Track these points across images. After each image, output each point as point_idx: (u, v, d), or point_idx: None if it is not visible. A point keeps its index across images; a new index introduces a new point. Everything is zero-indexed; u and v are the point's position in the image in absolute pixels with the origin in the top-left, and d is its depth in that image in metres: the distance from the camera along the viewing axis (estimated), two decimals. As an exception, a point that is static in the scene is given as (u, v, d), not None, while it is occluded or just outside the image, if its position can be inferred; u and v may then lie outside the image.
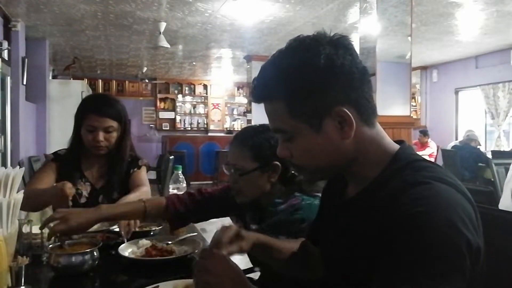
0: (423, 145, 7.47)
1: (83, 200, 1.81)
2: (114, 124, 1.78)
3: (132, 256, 1.30)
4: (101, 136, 1.74)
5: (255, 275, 1.56)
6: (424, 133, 7.51)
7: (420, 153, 7.14)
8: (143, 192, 1.78)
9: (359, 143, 0.77)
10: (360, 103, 0.76)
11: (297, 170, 0.87)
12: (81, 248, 1.22)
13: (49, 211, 1.52)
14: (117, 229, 1.57)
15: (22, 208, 1.72)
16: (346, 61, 0.74)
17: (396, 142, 0.82)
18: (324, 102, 0.74)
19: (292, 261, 0.99)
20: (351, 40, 0.78)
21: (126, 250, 1.34)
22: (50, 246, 1.22)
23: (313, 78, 0.73)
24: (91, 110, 1.76)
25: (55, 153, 1.88)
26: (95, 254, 1.19)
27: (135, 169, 1.91)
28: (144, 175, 1.93)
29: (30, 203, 1.53)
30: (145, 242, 1.38)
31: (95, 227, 1.56)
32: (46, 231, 1.31)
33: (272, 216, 1.20)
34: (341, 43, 0.76)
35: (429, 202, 0.64)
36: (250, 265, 1.49)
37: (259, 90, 0.79)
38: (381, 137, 0.80)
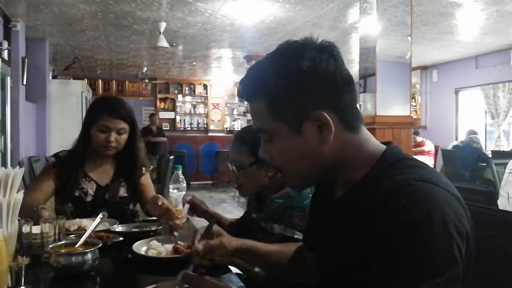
0: (418, 145, 7.44)
1: (89, 198, 1.83)
2: (126, 126, 1.83)
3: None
4: (113, 137, 1.79)
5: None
6: (415, 133, 7.50)
7: (416, 151, 7.15)
8: None
9: (340, 148, 0.76)
10: (342, 109, 0.76)
11: (280, 172, 0.88)
12: (81, 248, 1.22)
13: (46, 213, 1.53)
14: (118, 229, 1.58)
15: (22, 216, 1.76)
16: (329, 66, 0.74)
17: (384, 143, 0.82)
18: (305, 105, 0.74)
19: (288, 266, 1.01)
20: (338, 47, 0.78)
21: (141, 249, 1.32)
22: (50, 246, 1.22)
23: (295, 80, 0.74)
24: (105, 111, 1.79)
25: (56, 156, 1.89)
26: (95, 254, 1.19)
27: (141, 173, 1.97)
28: (149, 180, 2.01)
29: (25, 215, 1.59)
30: (156, 244, 1.37)
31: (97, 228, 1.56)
32: (46, 230, 1.31)
33: (269, 205, 1.28)
34: (327, 49, 0.76)
35: (421, 209, 0.64)
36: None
37: (244, 89, 0.81)
38: (366, 141, 0.79)
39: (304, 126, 0.75)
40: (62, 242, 1.26)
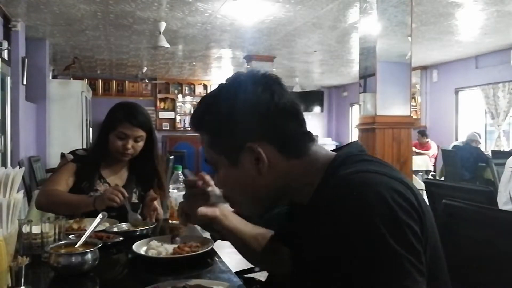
0: (423, 146, 7.52)
1: None
2: (143, 134, 1.84)
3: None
4: (130, 144, 1.81)
5: (255, 275, 1.56)
6: (422, 133, 7.60)
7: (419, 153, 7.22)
8: None
9: (283, 175, 0.78)
10: (279, 139, 0.77)
11: (228, 202, 0.91)
12: (81, 248, 1.22)
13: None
14: (117, 229, 1.58)
15: (41, 207, 1.77)
16: (263, 99, 0.76)
17: (342, 146, 0.83)
18: (239, 137, 0.77)
19: (264, 255, 1.02)
20: (279, 79, 0.80)
21: (141, 249, 1.32)
22: (50, 246, 1.22)
23: (229, 114, 0.77)
24: (125, 118, 1.80)
25: (74, 154, 1.89)
26: (95, 254, 1.19)
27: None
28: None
29: (60, 209, 1.63)
30: (156, 244, 1.36)
31: (97, 228, 1.56)
32: (46, 230, 1.31)
33: (268, 211, 1.24)
34: (263, 82, 0.78)
35: (358, 196, 0.64)
36: (250, 265, 1.49)
37: (192, 121, 0.84)
38: (315, 157, 0.79)
39: (241, 158, 0.77)
40: (62, 242, 1.26)
